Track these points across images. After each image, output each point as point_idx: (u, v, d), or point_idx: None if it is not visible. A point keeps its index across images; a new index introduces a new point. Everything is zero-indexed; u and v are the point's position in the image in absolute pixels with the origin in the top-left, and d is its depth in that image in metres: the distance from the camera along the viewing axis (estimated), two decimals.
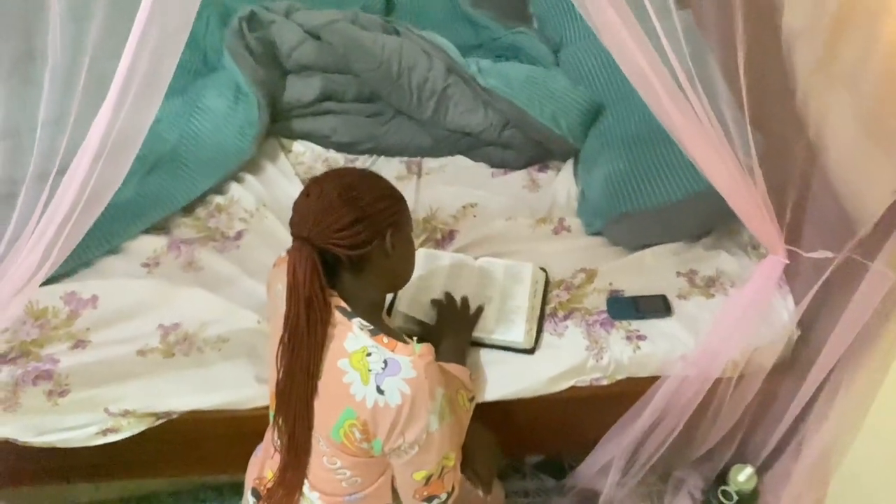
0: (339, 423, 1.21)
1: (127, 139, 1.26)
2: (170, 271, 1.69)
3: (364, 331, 1.20)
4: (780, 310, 1.56)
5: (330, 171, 1.27)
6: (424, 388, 1.18)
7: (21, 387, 1.49)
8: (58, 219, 1.27)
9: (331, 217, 1.16)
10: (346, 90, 2.03)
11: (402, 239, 1.26)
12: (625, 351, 1.54)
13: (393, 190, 1.25)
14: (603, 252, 1.74)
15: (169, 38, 1.17)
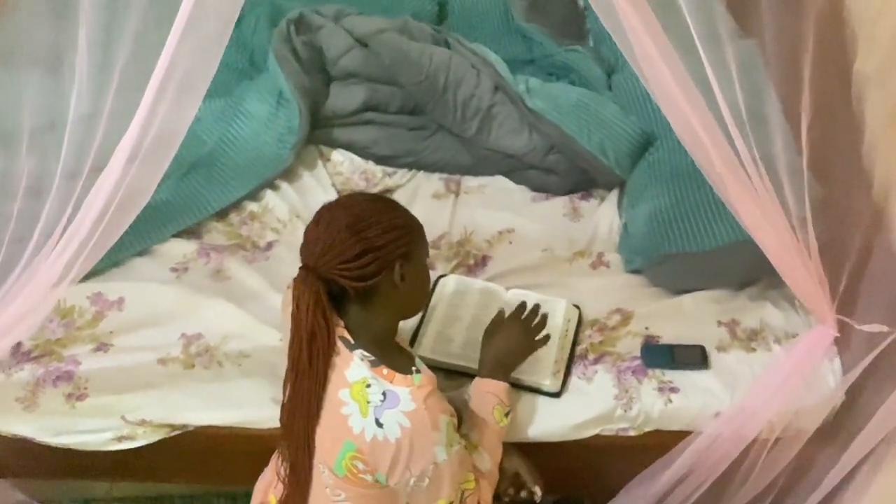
0: (340, 456, 1.19)
1: (164, 140, 1.22)
2: (197, 279, 1.68)
3: (365, 361, 1.18)
4: (826, 374, 1.47)
5: (342, 198, 1.26)
6: (425, 420, 1.15)
7: (41, 387, 1.49)
8: (91, 218, 1.23)
9: (337, 248, 1.14)
10: (389, 102, 1.99)
11: (414, 269, 1.22)
12: (656, 403, 1.47)
13: (405, 220, 1.21)
14: (641, 293, 1.67)
15: (211, 37, 1.13)
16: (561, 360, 1.51)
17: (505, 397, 1.39)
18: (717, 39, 1.21)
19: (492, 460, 1.35)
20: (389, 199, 1.27)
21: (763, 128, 1.72)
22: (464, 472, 1.25)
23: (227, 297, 1.63)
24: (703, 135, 1.14)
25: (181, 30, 1.06)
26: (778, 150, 1.71)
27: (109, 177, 1.14)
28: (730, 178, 1.18)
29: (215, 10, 1.10)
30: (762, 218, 1.20)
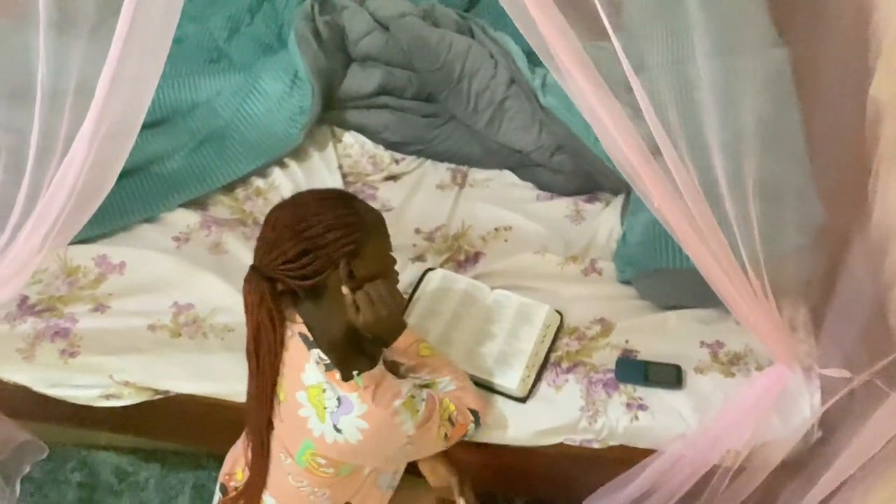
0: (301, 451, 1.24)
1: (123, 126, 1.24)
2: (196, 250, 1.73)
3: (320, 365, 1.21)
4: (802, 405, 1.43)
5: (292, 197, 1.25)
6: (381, 415, 1.20)
7: (39, 340, 1.58)
8: (63, 194, 1.26)
9: (279, 249, 1.16)
10: (405, 87, 1.99)
11: (365, 267, 1.20)
12: (621, 419, 1.46)
13: (355, 217, 1.19)
14: (627, 305, 1.64)
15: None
16: (533, 366, 1.51)
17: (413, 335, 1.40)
18: (750, 46, 1.17)
19: (451, 375, 1.38)
20: (343, 194, 1.25)
21: (776, 144, 1.66)
22: (440, 411, 1.30)
23: (220, 270, 1.68)
24: (634, 162, 1.09)
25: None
26: (786, 169, 1.65)
27: (75, 158, 1.18)
28: (669, 212, 1.13)
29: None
30: (709, 256, 1.16)
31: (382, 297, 1.20)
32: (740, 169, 1.28)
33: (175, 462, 1.93)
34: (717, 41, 1.27)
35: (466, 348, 1.53)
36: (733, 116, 1.34)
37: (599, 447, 1.49)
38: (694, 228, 1.14)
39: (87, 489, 1.88)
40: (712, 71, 1.31)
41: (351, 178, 1.92)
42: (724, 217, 1.22)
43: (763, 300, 1.19)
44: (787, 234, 1.45)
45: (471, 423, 1.38)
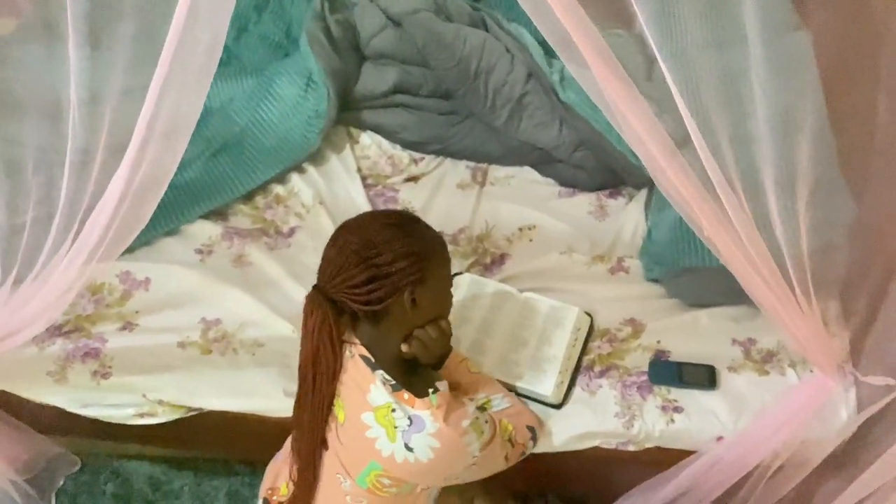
0: (365, 473, 1.26)
1: (178, 126, 1.22)
2: (220, 263, 1.73)
3: (387, 385, 1.21)
4: (839, 405, 1.43)
5: (360, 219, 1.24)
6: (452, 435, 1.21)
7: (70, 362, 1.58)
8: (111, 204, 1.24)
9: (346, 273, 1.16)
10: (421, 84, 1.96)
11: (430, 293, 1.23)
12: (657, 423, 1.46)
13: (421, 246, 1.20)
14: (656, 305, 1.64)
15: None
16: (566, 371, 1.51)
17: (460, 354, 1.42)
18: (772, 31, 1.15)
19: (502, 393, 1.40)
20: (409, 219, 1.25)
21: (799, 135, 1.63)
22: (501, 431, 1.31)
23: (246, 284, 1.68)
24: (658, 156, 1.07)
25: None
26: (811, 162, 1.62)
27: (107, 203, 1.16)
28: (703, 211, 1.11)
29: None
30: (746, 263, 1.14)
31: (434, 341, 1.24)
32: (780, 161, 1.26)
33: (208, 469, 1.94)
34: (743, 27, 1.23)
35: (500, 355, 1.53)
36: (762, 105, 1.32)
37: (635, 449, 1.50)
38: (727, 229, 1.12)
39: (121, 500, 1.90)
40: (728, 58, 1.29)
41: (370, 181, 1.90)
42: (764, 214, 1.20)
43: (806, 306, 1.18)
44: (819, 230, 1.44)
45: (529, 441, 1.38)
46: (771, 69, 1.49)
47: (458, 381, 1.36)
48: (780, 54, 1.67)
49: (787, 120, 1.53)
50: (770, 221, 1.14)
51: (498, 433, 1.30)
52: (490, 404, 1.38)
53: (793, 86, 1.66)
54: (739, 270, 1.16)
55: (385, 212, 1.24)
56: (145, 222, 1.28)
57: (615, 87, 1.03)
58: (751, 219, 1.12)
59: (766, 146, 1.30)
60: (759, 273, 1.14)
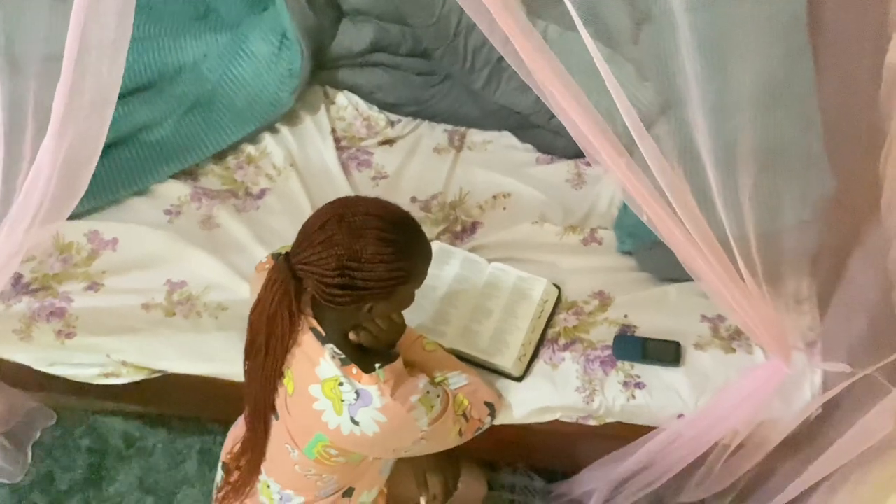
0: (311, 444, 1.26)
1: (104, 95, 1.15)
2: (188, 224, 1.71)
3: (336, 359, 1.20)
4: (803, 386, 1.41)
5: (356, 212, 1.13)
6: (399, 410, 1.20)
7: (35, 321, 1.58)
8: (43, 174, 1.18)
9: (321, 267, 1.12)
10: (399, 43, 1.90)
11: (388, 306, 1.20)
12: (618, 398, 1.45)
13: (406, 270, 1.15)
14: (627, 278, 1.61)
15: None
16: (529, 343, 1.50)
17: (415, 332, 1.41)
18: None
19: (458, 371, 1.38)
20: (409, 237, 1.16)
21: (786, 103, 1.57)
22: (454, 406, 1.31)
23: (213, 246, 1.66)
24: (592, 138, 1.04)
25: None
26: (794, 132, 1.56)
27: (49, 140, 1.11)
28: (631, 185, 1.07)
29: None
30: (686, 241, 1.09)
31: (383, 332, 1.23)
32: (739, 132, 1.21)
33: (181, 427, 1.96)
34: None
35: (463, 326, 1.52)
36: (740, 71, 1.26)
37: (596, 424, 1.49)
38: (657, 202, 1.07)
39: (96, 454, 1.93)
40: (717, 19, 1.23)
41: (345, 143, 1.86)
42: (706, 188, 1.16)
43: (754, 288, 1.14)
44: (791, 206, 1.39)
45: (486, 416, 1.38)
46: (759, 29, 1.42)
47: (412, 359, 1.35)
48: (771, 14, 1.59)
49: (772, 86, 1.47)
50: (714, 196, 1.09)
51: (450, 408, 1.29)
52: (447, 382, 1.36)
53: (781, 49, 1.59)
54: (680, 248, 1.12)
55: (388, 217, 1.14)
56: (82, 191, 1.25)
57: (538, 62, 0.98)
58: (686, 190, 1.07)
59: (747, 115, 1.25)
60: (700, 252, 1.10)
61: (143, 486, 1.89)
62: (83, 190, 1.24)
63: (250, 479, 1.39)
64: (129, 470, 1.90)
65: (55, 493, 1.87)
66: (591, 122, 1.03)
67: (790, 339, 1.21)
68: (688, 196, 1.08)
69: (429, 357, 1.38)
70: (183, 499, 1.87)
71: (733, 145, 1.22)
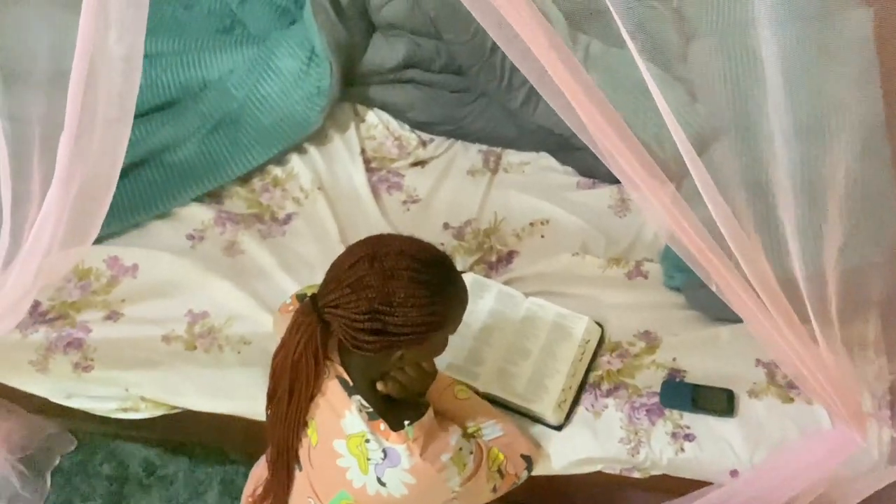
0: (335, 501, 1.17)
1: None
2: (211, 250, 1.63)
3: (363, 413, 1.12)
4: (871, 444, 1.28)
5: (390, 254, 1.05)
6: (429, 471, 1.11)
7: (52, 352, 1.52)
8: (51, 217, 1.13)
9: (351, 312, 1.04)
10: (433, 59, 1.81)
11: (421, 353, 1.12)
12: (665, 451, 1.34)
13: (441, 315, 1.07)
14: (675, 317, 1.50)
15: None
16: (570, 389, 1.40)
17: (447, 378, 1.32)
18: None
19: (493, 420, 1.29)
20: (445, 279, 1.08)
21: (853, 134, 1.45)
22: (488, 462, 1.21)
23: (236, 274, 1.59)
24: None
25: None
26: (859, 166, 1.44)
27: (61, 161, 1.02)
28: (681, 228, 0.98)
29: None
30: (736, 286, 0.99)
31: (413, 381, 1.14)
32: (806, 164, 1.11)
33: (203, 456, 1.90)
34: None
35: (498, 367, 1.42)
36: (804, 98, 1.16)
37: (640, 476, 1.38)
38: (701, 236, 0.99)
39: (116, 482, 1.87)
40: (779, 39, 1.12)
41: (375, 164, 1.77)
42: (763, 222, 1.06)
43: (822, 340, 1.03)
44: (859, 245, 1.27)
45: (523, 471, 1.28)
46: (819, 51, 1.31)
47: (444, 408, 1.25)
48: (833, 35, 1.47)
49: (834, 114, 1.35)
50: (774, 231, 0.99)
51: (484, 464, 1.20)
52: (481, 433, 1.27)
53: (845, 73, 1.47)
54: (729, 291, 1.01)
55: (421, 257, 1.06)
56: (96, 230, 1.17)
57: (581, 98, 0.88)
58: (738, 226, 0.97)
59: (805, 145, 1.15)
60: (753, 295, 0.99)
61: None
62: (97, 228, 1.16)
63: None
64: (149, 499, 1.85)
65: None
66: (631, 148, 0.93)
67: (864, 402, 1.09)
68: (739, 229, 0.97)
69: (461, 405, 1.29)
70: None
71: (801, 177, 1.13)
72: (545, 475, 1.39)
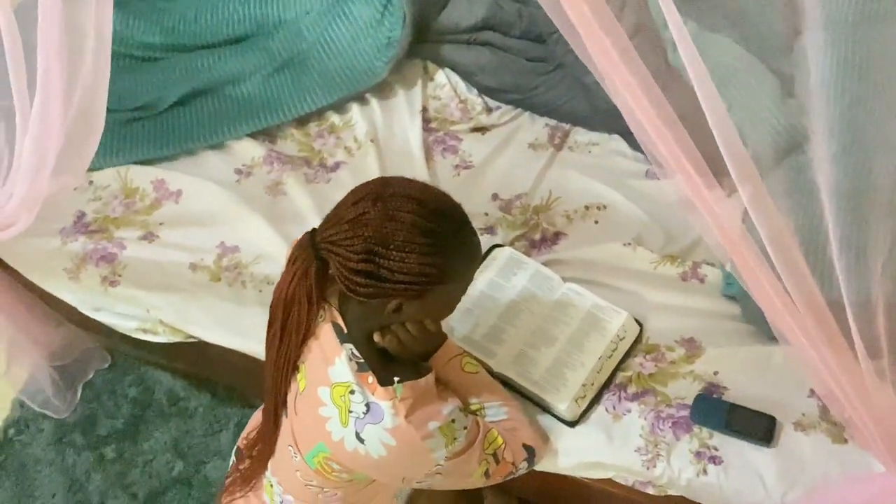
0: (313, 453, 1.11)
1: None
2: (254, 188, 1.60)
3: (352, 363, 1.05)
4: None
5: (395, 192, 0.98)
6: (412, 435, 1.03)
7: (85, 262, 1.53)
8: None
9: (346, 249, 0.97)
10: (513, 23, 1.71)
11: (420, 310, 1.03)
12: (686, 470, 1.20)
13: (439, 269, 0.97)
14: (725, 328, 1.35)
15: None
16: (591, 385, 1.27)
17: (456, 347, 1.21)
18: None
19: (500, 402, 1.20)
20: (453, 229, 0.99)
21: None
22: (485, 443, 1.13)
23: (274, 214, 1.55)
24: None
25: None
26: None
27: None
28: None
29: None
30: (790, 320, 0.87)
31: (413, 340, 1.06)
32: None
33: (224, 395, 1.88)
34: None
35: (517, 349, 1.32)
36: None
37: (655, 493, 1.25)
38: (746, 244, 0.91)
39: (140, 406, 1.89)
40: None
41: (434, 125, 1.69)
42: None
43: (871, 380, 0.88)
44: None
45: (522, 461, 1.17)
46: None
47: (447, 379, 1.16)
48: None
49: None
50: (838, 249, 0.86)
51: (478, 444, 1.10)
52: (483, 412, 1.18)
53: None
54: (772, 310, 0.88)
55: (429, 203, 0.98)
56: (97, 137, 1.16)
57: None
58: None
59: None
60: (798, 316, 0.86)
61: (177, 449, 1.82)
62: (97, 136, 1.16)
63: (258, 472, 1.26)
64: (166, 429, 1.85)
65: (94, 437, 1.85)
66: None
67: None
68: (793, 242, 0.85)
69: (467, 379, 1.19)
70: (211, 470, 1.79)
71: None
72: (555, 473, 1.28)
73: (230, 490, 1.31)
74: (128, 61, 1.76)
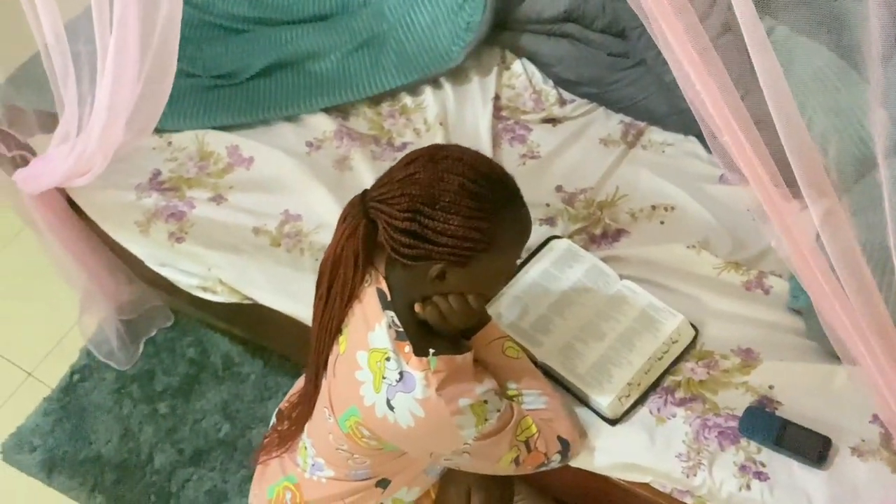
0: (345, 416, 1.12)
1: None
2: (323, 160, 1.63)
3: (391, 330, 1.05)
4: None
5: (451, 156, 0.98)
6: (441, 409, 1.02)
7: (156, 217, 1.58)
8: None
9: (392, 208, 0.98)
10: (596, 16, 1.68)
11: (464, 279, 1.02)
12: (727, 483, 1.15)
13: (486, 235, 0.96)
14: (786, 341, 1.28)
15: None
16: (637, 385, 1.23)
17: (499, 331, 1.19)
18: None
19: (539, 391, 1.18)
20: (503, 198, 0.99)
21: None
22: (517, 430, 1.11)
23: (338, 187, 1.57)
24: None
25: None
26: None
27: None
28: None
29: None
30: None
31: (454, 313, 1.04)
32: None
33: (277, 364, 1.92)
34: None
35: (564, 341, 1.29)
36: None
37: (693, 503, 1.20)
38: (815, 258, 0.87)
39: (196, 366, 1.94)
40: None
41: (505, 113, 1.68)
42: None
43: None
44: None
45: (555, 454, 1.15)
46: None
47: (488, 361, 1.15)
48: None
49: None
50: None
51: (510, 429, 1.08)
52: (521, 399, 1.15)
53: None
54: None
55: (480, 168, 0.98)
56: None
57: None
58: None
59: None
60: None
61: (226, 412, 1.86)
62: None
63: (296, 434, 1.28)
64: (218, 391, 1.89)
65: (150, 392, 1.91)
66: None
67: None
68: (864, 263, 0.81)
69: (508, 363, 1.17)
70: (256, 436, 1.82)
71: None
72: (591, 472, 1.24)
73: (267, 449, 1.33)
74: (215, 30, 1.82)
